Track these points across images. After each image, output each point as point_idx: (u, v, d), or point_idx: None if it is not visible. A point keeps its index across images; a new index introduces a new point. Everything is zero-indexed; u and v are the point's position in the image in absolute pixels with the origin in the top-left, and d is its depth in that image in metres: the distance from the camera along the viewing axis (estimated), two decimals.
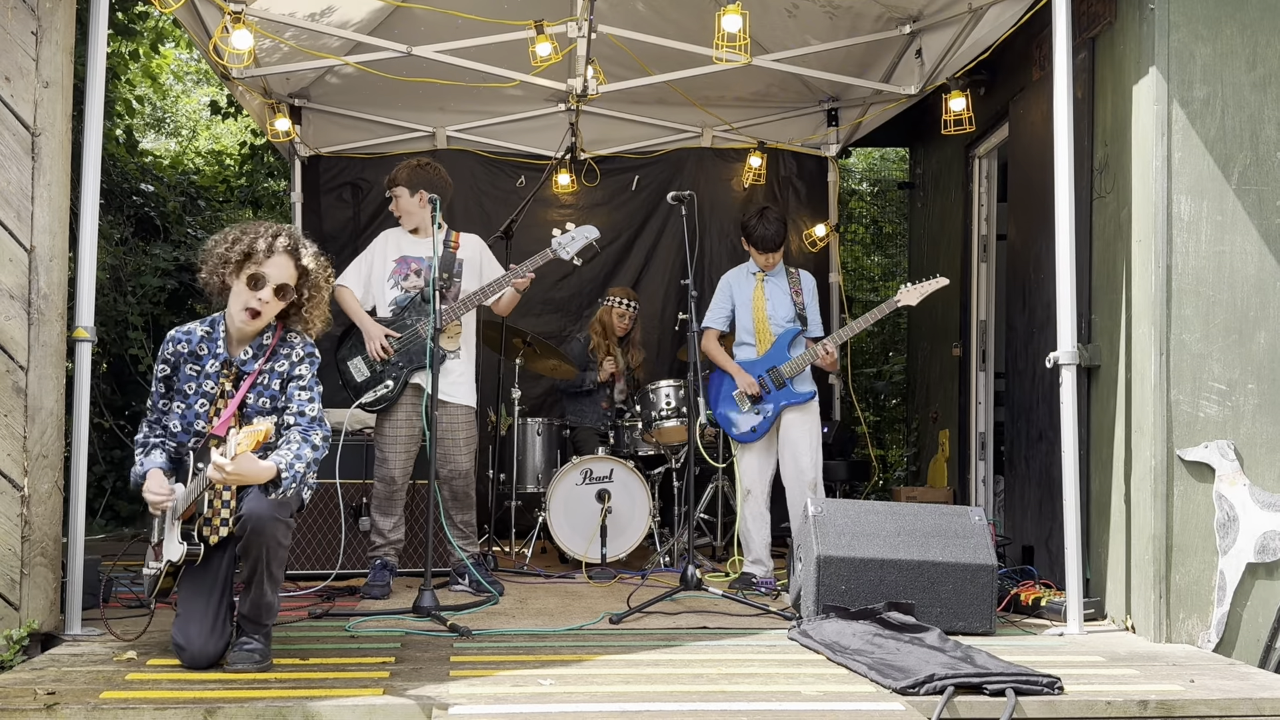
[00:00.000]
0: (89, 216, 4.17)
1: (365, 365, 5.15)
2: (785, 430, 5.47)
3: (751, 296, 5.59)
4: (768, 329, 5.54)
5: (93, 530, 7.49)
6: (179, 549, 3.55)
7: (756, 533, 5.54)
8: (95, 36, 4.20)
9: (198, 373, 3.75)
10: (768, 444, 5.52)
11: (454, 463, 5.18)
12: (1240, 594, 4.37)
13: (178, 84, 13.67)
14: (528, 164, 7.73)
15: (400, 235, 5.35)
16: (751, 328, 5.57)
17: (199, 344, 3.77)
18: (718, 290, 5.70)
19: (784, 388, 5.46)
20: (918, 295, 5.52)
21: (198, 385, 3.74)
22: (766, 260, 5.57)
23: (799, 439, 5.44)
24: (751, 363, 5.54)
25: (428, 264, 5.18)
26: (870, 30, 6.38)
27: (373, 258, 5.29)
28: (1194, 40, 4.53)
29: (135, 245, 8.61)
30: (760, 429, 5.48)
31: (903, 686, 3.34)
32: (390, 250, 5.30)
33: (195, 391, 3.73)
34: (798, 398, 5.46)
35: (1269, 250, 4.49)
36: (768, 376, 5.47)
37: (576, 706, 3.14)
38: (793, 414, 5.47)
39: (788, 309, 5.55)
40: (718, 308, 5.66)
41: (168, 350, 3.77)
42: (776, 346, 5.51)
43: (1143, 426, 4.53)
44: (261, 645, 3.58)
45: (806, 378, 5.52)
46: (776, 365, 5.47)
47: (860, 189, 12.77)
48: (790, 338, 5.52)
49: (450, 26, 6.15)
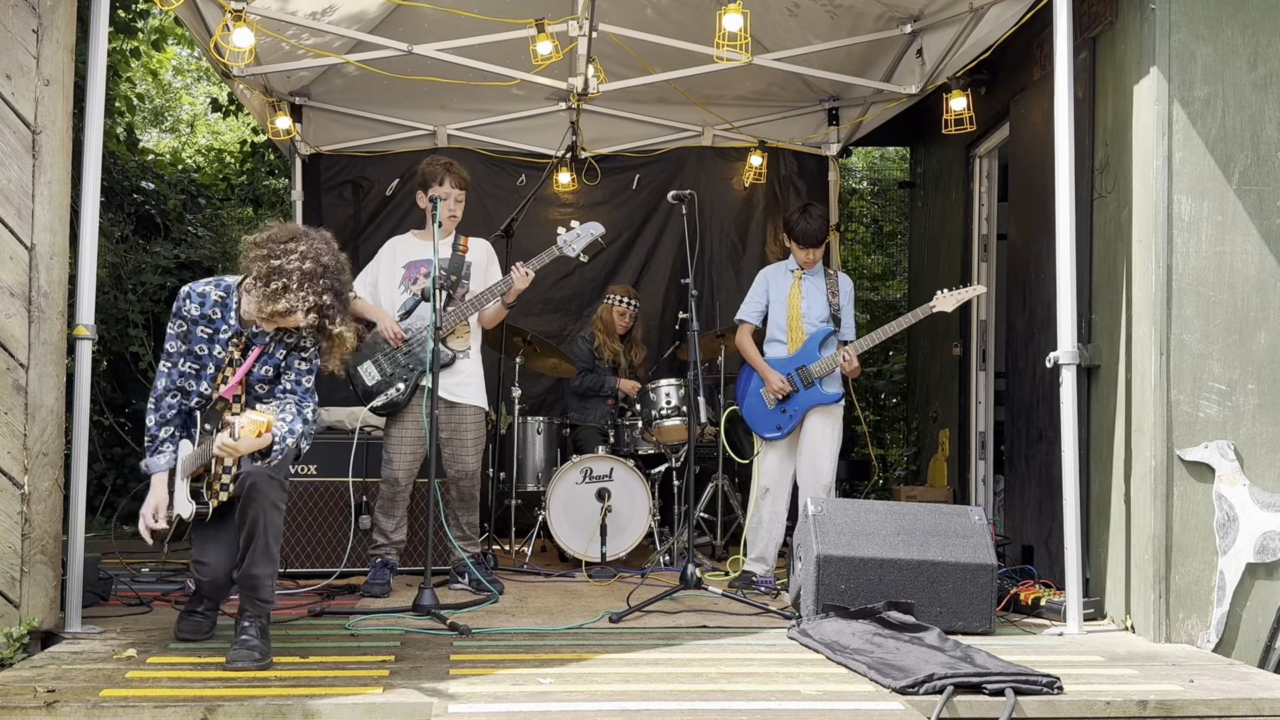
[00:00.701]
0: (89, 214, 4.17)
1: (375, 369, 5.13)
2: (808, 431, 5.45)
3: (788, 293, 5.54)
4: (800, 327, 5.51)
5: (93, 528, 7.49)
6: (188, 507, 3.75)
7: (770, 531, 5.52)
8: (96, 34, 4.20)
9: (209, 336, 3.85)
10: (790, 443, 5.51)
11: (462, 463, 5.17)
12: (1240, 594, 4.37)
13: (178, 79, 13.67)
14: (528, 163, 7.73)
15: (408, 241, 5.34)
16: (785, 324, 5.53)
17: (211, 308, 3.85)
18: (754, 284, 5.68)
19: (812, 387, 5.43)
20: (954, 302, 5.44)
21: (209, 349, 3.85)
22: (807, 256, 5.54)
23: (820, 441, 5.42)
24: (781, 360, 5.51)
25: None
26: (871, 29, 6.38)
27: (379, 266, 5.28)
28: (1195, 40, 4.53)
29: (136, 243, 8.61)
30: (786, 428, 5.46)
31: (902, 686, 3.34)
32: (399, 256, 5.28)
33: (206, 355, 3.85)
34: (826, 399, 5.43)
35: (1269, 251, 4.49)
36: (796, 375, 5.44)
37: (576, 705, 3.14)
38: (817, 416, 5.44)
39: (823, 309, 5.52)
40: (753, 301, 5.64)
41: (183, 309, 3.85)
42: (808, 345, 5.48)
43: (1143, 426, 4.53)
44: (261, 644, 3.62)
45: (835, 379, 5.48)
46: (806, 364, 5.45)
47: (861, 188, 12.78)
48: (822, 338, 5.48)
49: (451, 25, 6.15)
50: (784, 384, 5.41)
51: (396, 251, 5.31)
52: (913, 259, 8.89)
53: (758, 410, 5.53)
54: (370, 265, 5.32)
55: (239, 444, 3.53)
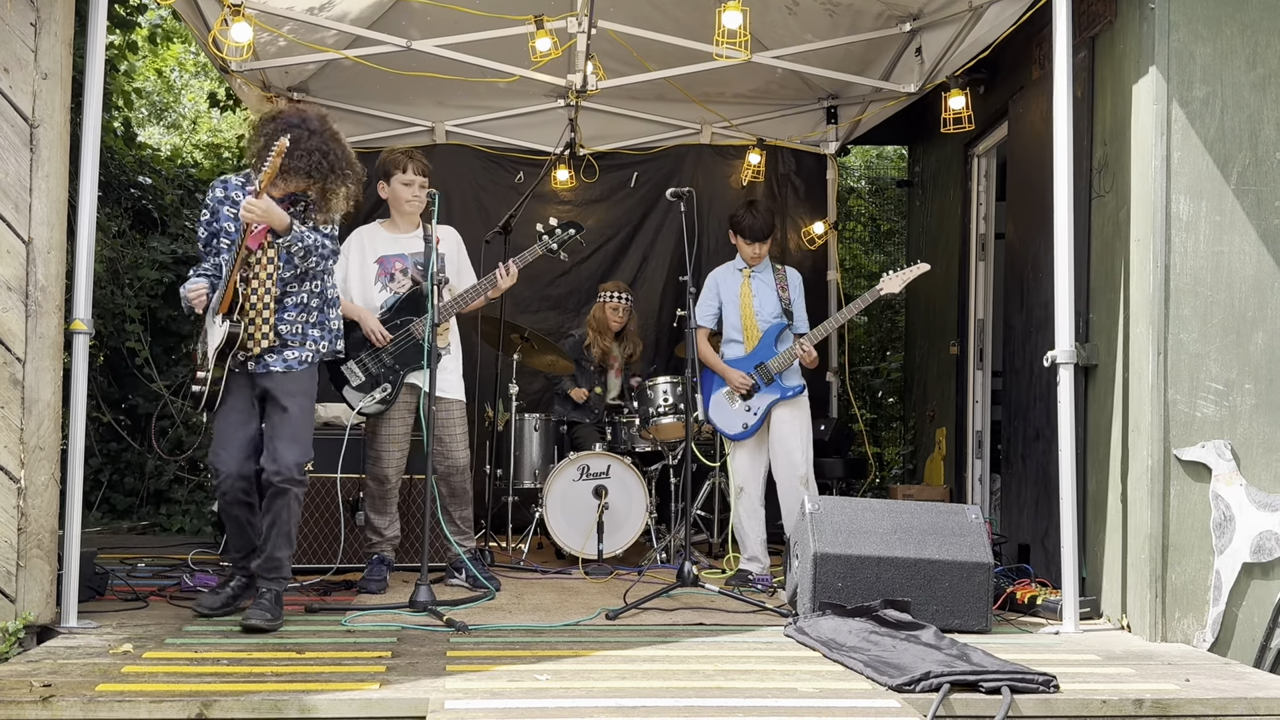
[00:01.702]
0: (87, 209, 4.16)
1: (359, 369, 5.06)
2: (776, 426, 5.48)
3: (739, 293, 5.60)
4: (755, 325, 5.55)
5: (89, 524, 7.49)
6: (221, 331, 4.17)
7: (751, 530, 5.54)
8: (94, 28, 4.18)
9: (234, 215, 4.27)
10: (759, 441, 5.53)
11: (452, 458, 5.14)
12: (1236, 594, 4.38)
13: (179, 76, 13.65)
14: (527, 159, 7.72)
15: (376, 232, 5.22)
16: (739, 324, 5.58)
17: (235, 190, 4.32)
18: (704, 288, 5.70)
19: (773, 383, 5.46)
20: (899, 282, 5.53)
21: (236, 224, 4.24)
22: (754, 251, 5.58)
23: (790, 434, 5.44)
24: (739, 359, 5.55)
25: (411, 261, 5.14)
26: (870, 28, 6.38)
27: (348, 259, 5.15)
28: (1194, 40, 4.53)
29: (133, 238, 8.60)
30: (752, 427, 5.49)
31: (899, 684, 3.34)
32: (368, 250, 5.17)
33: (236, 229, 4.24)
34: (787, 392, 5.47)
35: (1267, 251, 4.49)
36: (756, 373, 5.48)
37: (573, 702, 3.14)
38: (783, 409, 5.47)
39: (774, 304, 5.56)
40: (705, 305, 5.67)
41: (209, 197, 4.35)
42: (763, 342, 5.52)
43: (1140, 426, 4.53)
44: (274, 609, 4.12)
45: (795, 372, 5.52)
46: (764, 361, 5.48)
47: (859, 187, 12.76)
48: (776, 333, 5.53)
49: (450, 21, 6.14)
50: (745, 379, 5.45)
51: (365, 244, 5.19)
52: (910, 258, 8.88)
53: (722, 411, 5.56)
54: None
55: (265, 200, 4.07)
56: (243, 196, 4.22)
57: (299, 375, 4.28)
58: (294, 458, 4.20)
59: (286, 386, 4.25)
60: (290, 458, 4.19)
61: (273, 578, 4.24)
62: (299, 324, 4.30)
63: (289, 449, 4.20)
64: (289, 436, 4.22)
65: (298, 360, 4.28)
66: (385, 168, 5.18)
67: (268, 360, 4.25)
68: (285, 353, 4.27)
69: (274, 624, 4.07)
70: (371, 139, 7.69)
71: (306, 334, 4.32)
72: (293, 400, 4.25)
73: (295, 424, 4.24)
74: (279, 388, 4.25)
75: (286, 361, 4.27)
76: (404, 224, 5.18)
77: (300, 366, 4.28)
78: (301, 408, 4.27)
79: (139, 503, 8.33)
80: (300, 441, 4.25)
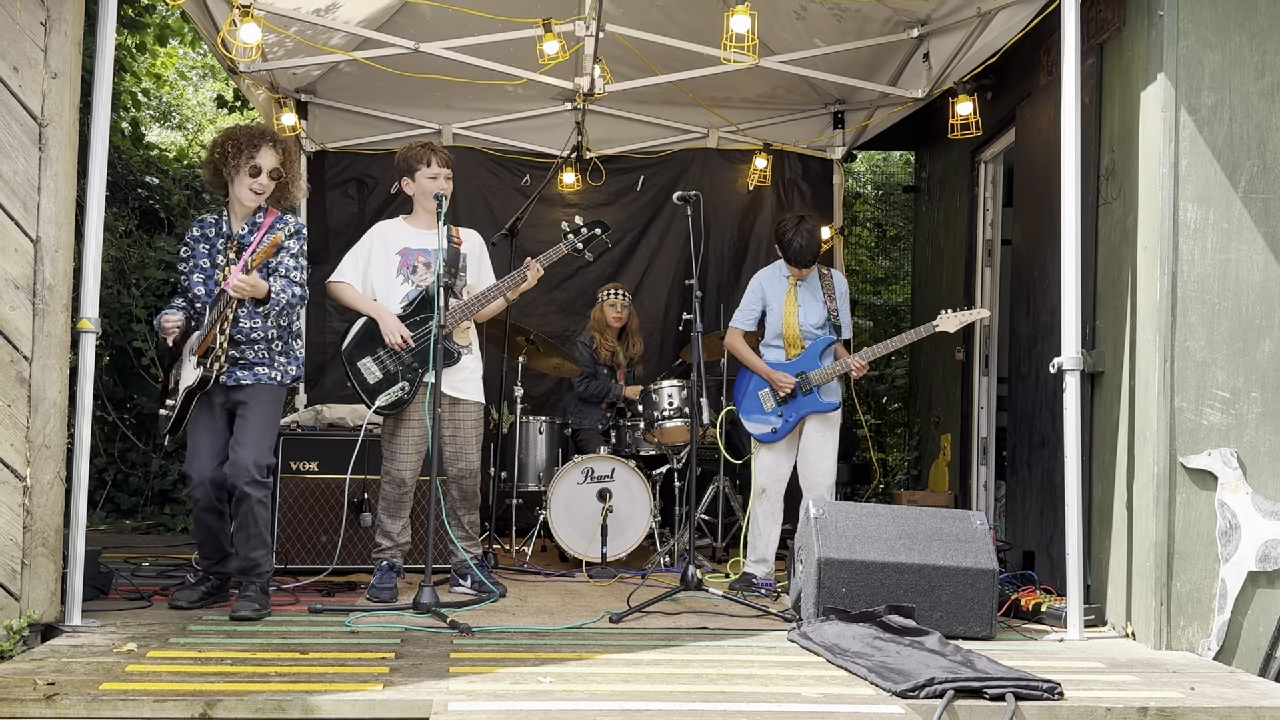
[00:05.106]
0: (95, 208, 4.17)
1: (377, 366, 4.98)
2: (807, 436, 5.46)
3: (784, 301, 5.50)
4: (798, 336, 5.49)
5: (93, 523, 7.50)
6: (194, 374, 4.45)
7: (767, 532, 5.52)
8: (104, 28, 4.20)
9: (210, 249, 4.59)
10: (788, 446, 5.51)
11: (465, 460, 5.09)
12: (1241, 602, 4.37)
13: (183, 80, 13.67)
14: (533, 162, 7.73)
15: (399, 226, 5.18)
16: (782, 332, 5.51)
17: (209, 228, 4.62)
18: (749, 290, 5.63)
19: (811, 394, 5.43)
20: (956, 323, 5.44)
21: (211, 259, 4.57)
22: (799, 273, 5.53)
23: (819, 446, 5.43)
24: (780, 365, 5.51)
25: (434, 255, 5.07)
26: (878, 33, 6.38)
27: (370, 252, 5.10)
28: (1202, 47, 4.52)
29: (139, 238, 8.61)
30: (781, 432, 5.46)
31: (902, 690, 3.33)
32: (391, 243, 5.11)
33: (211, 264, 4.57)
34: (824, 407, 5.43)
35: (1275, 259, 4.49)
36: (797, 379, 5.45)
37: (576, 705, 3.14)
38: (816, 421, 5.45)
39: (820, 315, 5.49)
40: (747, 309, 5.60)
41: (188, 235, 4.63)
42: (809, 353, 5.47)
43: (1146, 433, 4.52)
44: (261, 598, 4.39)
45: (834, 388, 5.47)
46: (807, 371, 5.44)
47: (865, 192, 12.77)
48: (823, 346, 5.47)
49: (458, 23, 6.15)
50: (791, 381, 5.41)
51: (388, 237, 5.13)
52: (916, 263, 8.89)
53: (754, 412, 5.54)
54: (357, 249, 5.13)
55: (251, 276, 4.33)
56: (215, 233, 4.59)
57: (268, 388, 4.53)
58: (251, 458, 4.39)
59: (255, 396, 4.50)
60: (246, 457, 4.39)
61: (254, 574, 4.47)
62: (265, 351, 4.56)
63: (245, 451, 4.41)
64: (248, 440, 4.43)
65: (268, 376, 4.53)
66: (408, 163, 5.14)
67: (239, 375, 4.49)
68: (256, 369, 4.52)
69: (262, 613, 4.34)
70: (378, 141, 7.71)
71: (274, 360, 4.58)
72: (257, 406, 4.49)
73: (254, 429, 4.46)
74: (247, 397, 4.50)
75: (257, 375, 4.51)
76: (428, 219, 5.13)
77: (270, 381, 4.53)
78: (264, 414, 4.50)
79: (143, 502, 8.34)
80: (258, 445, 4.44)
